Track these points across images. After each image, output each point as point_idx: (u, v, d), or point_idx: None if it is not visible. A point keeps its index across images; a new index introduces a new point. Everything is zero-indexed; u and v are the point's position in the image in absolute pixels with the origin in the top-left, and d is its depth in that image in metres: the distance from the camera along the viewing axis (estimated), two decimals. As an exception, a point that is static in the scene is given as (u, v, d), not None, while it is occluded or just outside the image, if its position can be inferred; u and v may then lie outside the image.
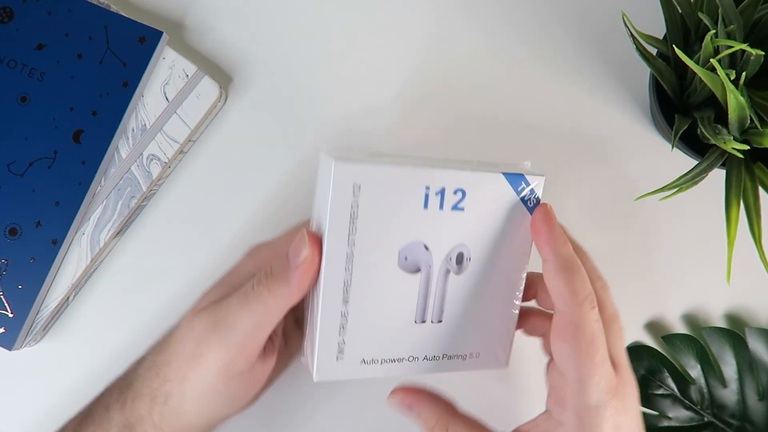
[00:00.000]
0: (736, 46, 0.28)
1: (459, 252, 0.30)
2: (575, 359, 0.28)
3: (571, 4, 0.42)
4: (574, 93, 0.41)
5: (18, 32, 0.39)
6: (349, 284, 0.29)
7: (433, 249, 0.30)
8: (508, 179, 0.30)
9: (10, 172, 0.39)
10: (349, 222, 0.28)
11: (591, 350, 0.28)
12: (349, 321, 0.29)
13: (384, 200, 0.28)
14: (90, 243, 0.39)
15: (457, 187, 0.29)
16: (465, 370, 0.32)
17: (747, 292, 0.40)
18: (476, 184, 0.29)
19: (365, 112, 0.42)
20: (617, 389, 0.28)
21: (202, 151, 0.42)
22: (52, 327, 0.41)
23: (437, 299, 0.31)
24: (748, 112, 0.30)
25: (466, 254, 0.30)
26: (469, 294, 0.31)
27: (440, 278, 0.30)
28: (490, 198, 0.30)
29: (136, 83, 0.39)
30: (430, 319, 0.31)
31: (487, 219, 0.30)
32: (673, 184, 0.33)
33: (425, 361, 0.31)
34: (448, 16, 0.42)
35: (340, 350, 0.30)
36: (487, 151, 0.41)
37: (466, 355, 0.32)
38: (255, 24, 0.42)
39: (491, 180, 0.30)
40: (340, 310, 0.29)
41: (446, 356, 0.31)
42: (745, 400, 0.38)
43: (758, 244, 0.31)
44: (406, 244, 0.29)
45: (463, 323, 0.31)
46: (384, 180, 0.28)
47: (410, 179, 0.29)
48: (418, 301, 0.30)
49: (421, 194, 0.29)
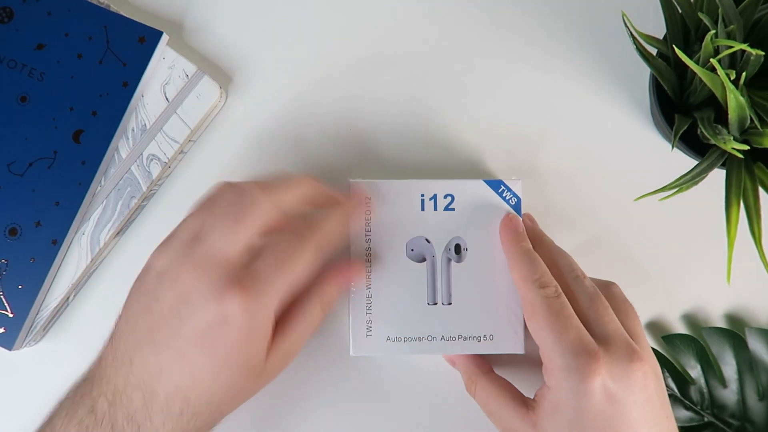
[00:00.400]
0: (736, 46, 0.28)
1: (456, 243, 0.37)
2: (538, 331, 0.32)
3: (570, 4, 0.42)
4: (573, 93, 0.41)
5: (18, 32, 0.39)
6: (370, 272, 0.37)
7: (433, 241, 0.37)
8: (489, 184, 0.37)
9: (10, 172, 0.39)
10: (365, 224, 0.37)
11: (550, 321, 0.32)
12: (373, 303, 0.37)
13: (389, 206, 0.37)
14: (90, 243, 0.39)
15: (446, 192, 0.37)
16: (481, 352, 0.37)
17: (747, 292, 0.40)
18: (462, 190, 0.37)
19: (365, 111, 0.42)
20: (596, 356, 0.30)
21: (202, 151, 0.42)
22: (52, 327, 0.41)
23: (444, 283, 0.37)
24: (748, 112, 0.30)
25: (463, 245, 0.37)
26: (473, 280, 0.37)
27: (443, 266, 0.37)
28: (475, 200, 0.37)
29: (136, 83, 0.39)
30: (440, 301, 0.37)
31: (476, 216, 0.37)
32: (673, 184, 0.33)
33: (443, 341, 0.36)
34: (448, 17, 0.42)
35: (368, 328, 0.36)
36: (487, 151, 0.41)
37: (480, 337, 0.36)
38: (255, 24, 0.42)
39: (474, 186, 0.37)
40: (365, 294, 0.37)
41: (461, 337, 0.36)
42: (745, 400, 0.38)
43: (758, 244, 0.31)
44: (411, 238, 0.37)
45: (471, 306, 0.37)
46: (388, 191, 0.37)
47: (407, 189, 0.37)
48: (428, 285, 0.37)
49: (418, 200, 0.37)
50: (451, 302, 0.37)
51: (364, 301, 0.37)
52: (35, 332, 0.39)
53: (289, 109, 0.42)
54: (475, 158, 0.41)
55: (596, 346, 0.31)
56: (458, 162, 0.41)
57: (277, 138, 0.41)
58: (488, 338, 0.36)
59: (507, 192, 0.37)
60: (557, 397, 0.31)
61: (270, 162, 0.41)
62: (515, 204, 0.37)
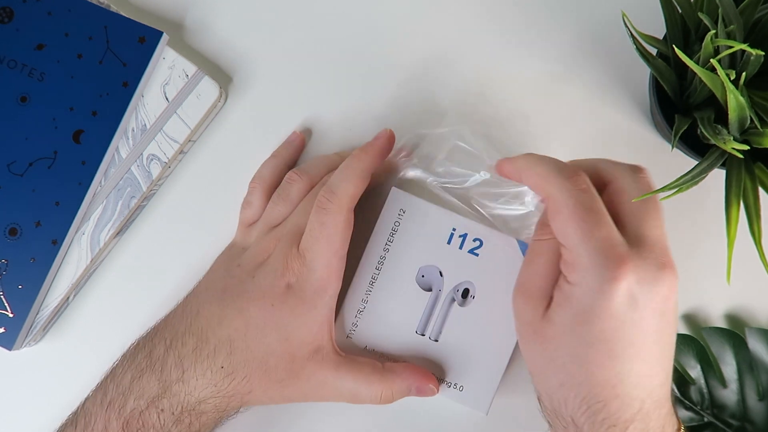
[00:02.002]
0: (736, 46, 0.28)
1: (466, 287, 0.36)
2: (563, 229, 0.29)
3: (570, 4, 0.42)
4: (573, 93, 0.41)
5: (18, 32, 0.39)
6: (375, 279, 0.37)
7: (446, 276, 0.37)
8: (520, 245, 0.36)
9: (10, 172, 0.39)
10: (389, 233, 0.37)
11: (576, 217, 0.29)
12: (366, 309, 0.37)
13: (419, 227, 0.37)
14: (90, 243, 0.39)
15: (477, 236, 0.37)
16: (447, 397, 0.36)
17: (747, 292, 0.40)
18: (493, 239, 0.37)
19: (365, 112, 0.42)
20: (625, 259, 0.28)
21: (202, 151, 0.42)
22: (52, 327, 0.41)
23: (438, 319, 0.37)
24: (748, 112, 0.30)
25: (472, 291, 0.37)
26: (467, 327, 0.36)
27: (445, 303, 0.36)
28: (502, 253, 0.36)
29: (136, 83, 0.39)
30: (429, 334, 0.37)
31: (496, 269, 0.36)
32: (673, 184, 0.33)
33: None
34: (447, 17, 0.42)
35: (352, 330, 0.37)
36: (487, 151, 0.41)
37: (450, 383, 0.37)
38: (255, 24, 0.42)
39: (506, 241, 0.36)
40: (361, 298, 0.37)
41: (435, 375, 0.36)
42: (745, 400, 0.38)
43: (758, 244, 0.31)
44: (426, 264, 0.37)
45: (455, 351, 0.36)
46: (424, 212, 0.37)
47: (443, 218, 0.37)
48: (423, 315, 0.37)
49: (448, 233, 0.37)
50: (438, 340, 0.36)
51: (358, 304, 0.37)
52: (35, 332, 0.39)
53: (289, 109, 0.42)
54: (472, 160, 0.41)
55: (627, 247, 0.29)
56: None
57: (277, 138, 0.41)
58: (458, 388, 0.36)
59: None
60: (574, 292, 0.29)
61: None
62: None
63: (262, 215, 0.38)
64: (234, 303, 0.34)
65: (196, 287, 0.37)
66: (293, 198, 0.37)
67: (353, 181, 0.35)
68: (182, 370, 0.33)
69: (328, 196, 0.34)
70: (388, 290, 0.37)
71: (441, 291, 0.36)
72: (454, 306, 0.36)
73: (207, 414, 0.34)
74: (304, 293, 0.34)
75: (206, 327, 0.34)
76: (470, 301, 0.36)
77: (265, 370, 0.34)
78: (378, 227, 0.37)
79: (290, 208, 0.37)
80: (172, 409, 0.33)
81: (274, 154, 0.40)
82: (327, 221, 0.34)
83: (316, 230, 0.34)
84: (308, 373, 0.34)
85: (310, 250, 0.34)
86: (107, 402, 0.33)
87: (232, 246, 0.38)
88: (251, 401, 0.35)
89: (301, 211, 0.36)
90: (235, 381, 0.33)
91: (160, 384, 0.33)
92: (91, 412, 0.33)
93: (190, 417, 0.33)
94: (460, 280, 0.36)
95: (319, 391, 0.35)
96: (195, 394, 0.33)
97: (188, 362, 0.33)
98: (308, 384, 0.34)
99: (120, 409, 0.33)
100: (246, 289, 0.34)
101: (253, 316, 0.34)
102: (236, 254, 0.37)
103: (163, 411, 0.33)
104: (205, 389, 0.33)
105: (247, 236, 0.38)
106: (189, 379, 0.33)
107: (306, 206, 0.36)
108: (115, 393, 0.33)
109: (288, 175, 0.38)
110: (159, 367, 0.33)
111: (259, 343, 0.34)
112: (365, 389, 0.35)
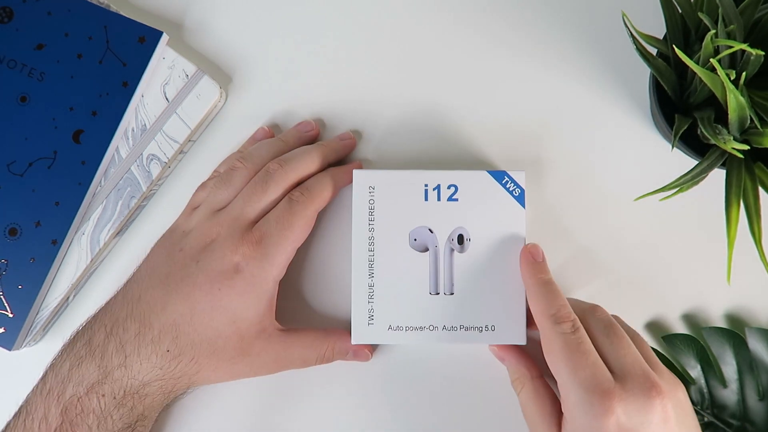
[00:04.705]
0: (736, 46, 0.28)
1: (459, 234, 0.37)
2: (555, 366, 0.32)
3: (570, 3, 0.42)
4: (573, 93, 0.41)
5: (18, 32, 0.39)
6: (373, 261, 0.37)
7: (436, 232, 0.37)
8: (493, 175, 0.37)
9: (10, 172, 0.39)
10: (368, 212, 0.37)
11: (565, 356, 0.31)
12: (375, 291, 0.37)
13: (392, 196, 0.37)
14: (90, 243, 0.39)
15: (450, 183, 0.37)
16: (483, 342, 0.37)
17: (747, 292, 0.40)
18: (465, 180, 0.37)
19: (365, 112, 0.42)
20: (610, 393, 0.30)
21: (202, 151, 0.42)
22: (52, 327, 0.41)
23: (446, 273, 0.37)
24: (748, 112, 0.30)
25: (466, 235, 0.37)
26: (475, 270, 0.37)
27: (446, 256, 0.37)
28: (479, 191, 0.37)
29: (136, 83, 0.39)
30: (443, 291, 0.37)
31: (480, 207, 0.37)
32: (673, 184, 0.33)
33: (444, 331, 0.37)
34: (450, 16, 0.42)
35: (370, 316, 0.37)
36: (487, 151, 0.41)
37: (482, 327, 0.37)
38: (255, 24, 0.42)
39: (477, 176, 0.37)
40: (367, 282, 0.37)
41: (463, 327, 0.37)
42: (745, 400, 0.38)
43: (758, 244, 0.31)
44: (414, 228, 0.37)
45: (473, 297, 0.37)
46: (391, 181, 0.37)
47: (411, 179, 0.37)
48: (430, 274, 0.37)
49: (421, 190, 0.37)
50: (453, 292, 0.37)
51: (366, 290, 0.37)
52: (35, 332, 0.39)
53: (289, 109, 0.42)
54: (476, 157, 0.41)
55: (612, 383, 0.30)
56: (458, 159, 0.41)
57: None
58: (490, 329, 0.37)
59: (510, 183, 0.37)
60: (569, 429, 0.32)
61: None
62: (519, 195, 0.37)
63: (205, 200, 0.38)
64: (178, 288, 0.35)
65: (137, 272, 0.37)
66: (236, 184, 0.37)
67: (328, 189, 0.38)
68: (124, 355, 0.34)
69: (302, 191, 0.37)
70: (389, 266, 0.37)
71: (437, 247, 0.37)
72: (455, 255, 0.37)
73: (151, 396, 0.35)
74: (254, 278, 0.35)
75: (149, 312, 0.34)
76: (468, 245, 0.37)
77: (213, 351, 0.35)
78: (355, 211, 0.37)
79: (233, 194, 0.37)
80: (114, 393, 0.34)
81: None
82: (297, 211, 0.36)
83: (284, 218, 0.36)
84: (258, 350, 0.36)
85: (272, 236, 0.35)
86: (46, 390, 0.34)
87: (173, 230, 0.38)
88: (199, 381, 0.36)
89: (244, 196, 0.36)
90: (182, 363, 0.34)
91: (100, 370, 0.33)
92: (32, 401, 0.34)
93: (133, 400, 0.34)
94: (451, 229, 0.37)
95: (270, 365, 0.36)
96: (139, 377, 0.34)
97: (131, 347, 0.34)
98: (259, 359, 0.36)
99: (59, 396, 0.33)
100: (190, 273, 0.35)
101: (199, 300, 0.34)
102: (178, 238, 0.37)
103: (104, 396, 0.33)
104: (150, 372, 0.34)
105: (189, 220, 0.38)
106: (132, 363, 0.34)
107: (248, 192, 0.36)
108: (54, 381, 0.34)
109: (232, 162, 0.38)
110: (99, 353, 0.34)
111: (206, 326, 0.34)
112: (312, 353, 0.37)
